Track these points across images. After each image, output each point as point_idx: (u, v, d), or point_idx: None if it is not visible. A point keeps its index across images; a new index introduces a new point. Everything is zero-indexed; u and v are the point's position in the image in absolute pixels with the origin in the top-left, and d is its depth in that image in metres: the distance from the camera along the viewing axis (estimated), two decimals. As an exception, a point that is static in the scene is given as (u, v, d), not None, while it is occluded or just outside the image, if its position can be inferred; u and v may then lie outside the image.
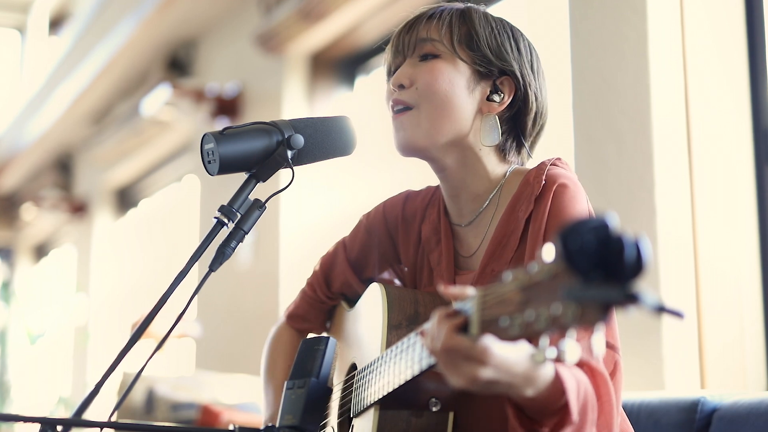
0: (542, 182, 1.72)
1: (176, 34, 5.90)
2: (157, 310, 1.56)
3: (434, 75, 1.76)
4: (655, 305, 1.04)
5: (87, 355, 7.47)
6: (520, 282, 1.17)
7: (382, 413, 1.62)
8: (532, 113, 1.82)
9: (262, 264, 4.91)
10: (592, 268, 1.05)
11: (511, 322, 1.17)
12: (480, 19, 1.81)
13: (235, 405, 3.62)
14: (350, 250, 2.04)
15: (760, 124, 2.78)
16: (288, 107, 4.84)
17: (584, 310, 1.08)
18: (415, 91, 1.77)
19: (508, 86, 1.80)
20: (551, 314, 1.11)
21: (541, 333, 1.14)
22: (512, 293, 1.18)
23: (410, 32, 1.81)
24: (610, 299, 1.05)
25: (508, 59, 1.79)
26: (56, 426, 1.40)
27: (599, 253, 1.05)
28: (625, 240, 1.05)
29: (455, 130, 1.77)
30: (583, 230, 1.06)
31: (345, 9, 4.39)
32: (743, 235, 2.74)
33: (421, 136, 1.77)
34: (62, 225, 8.41)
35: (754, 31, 2.81)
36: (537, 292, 1.14)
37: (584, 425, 1.47)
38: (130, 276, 7.41)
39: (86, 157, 7.78)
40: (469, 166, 1.80)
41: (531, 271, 1.16)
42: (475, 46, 1.78)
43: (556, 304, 1.11)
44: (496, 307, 1.21)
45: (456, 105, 1.76)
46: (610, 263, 1.05)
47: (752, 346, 2.71)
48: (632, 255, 1.04)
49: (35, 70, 9.00)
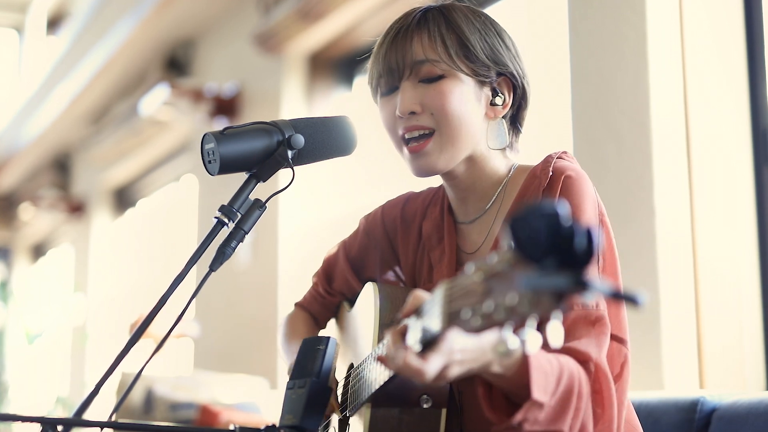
0: (549, 174, 1.71)
1: (175, 34, 5.89)
2: (157, 311, 1.56)
3: (446, 97, 1.72)
4: (608, 291, 1.03)
5: (85, 355, 7.46)
6: (483, 273, 1.16)
7: (373, 411, 1.62)
8: (528, 103, 1.83)
9: (260, 264, 4.91)
10: (543, 256, 1.04)
11: (473, 313, 1.16)
12: (464, 20, 1.76)
13: (234, 405, 3.62)
14: (350, 251, 2.07)
15: (759, 123, 2.78)
16: (287, 107, 4.83)
17: (539, 298, 1.07)
18: (430, 116, 1.74)
19: (506, 86, 1.79)
20: (508, 304, 1.10)
21: (503, 323, 1.13)
22: (475, 284, 1.16)
23: (402, 49, 1.75)
24: (562, 287, 1.04)
25: (503, 60, 1.77)
26: (57, 426, 1.40)
27: (550, 241, 1.04)
28: (575, 227, 1.04)
29: (473, 145, 1.77)
30: (531, 217, 1.05)
31: (344, 9, 4.39)
32: (742, 235, 2.75)
33: (445, 159, 1.75)
34: (60, 225, 8.40)
35: (753, 32, 2.82)
36: (497, 283, 1.13)
37: (565, 411, 1.46)
38: (128, 276, 7.40)
39: (84, 157, 7.77)
40: (477, 169, 1.80)
41: (491, 261, 1.15)
42: (473, 57, 1.75)
43: (512, 294, 1.10)
44: (460, 299, 1.20)
45: (471, 121, 1.75)
46: (561, 251, 1.04)
47: (751, 347, 2.71)
48: (582, 242, 1.03)
49: (33, 70, 9.00)
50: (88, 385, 7.09)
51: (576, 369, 1.50)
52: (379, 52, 1.78)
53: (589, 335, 1.57)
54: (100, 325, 7.44)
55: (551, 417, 1.45)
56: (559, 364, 1.48)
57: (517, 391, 1.46)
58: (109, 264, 7.63)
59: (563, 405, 1.46)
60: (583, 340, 1.56)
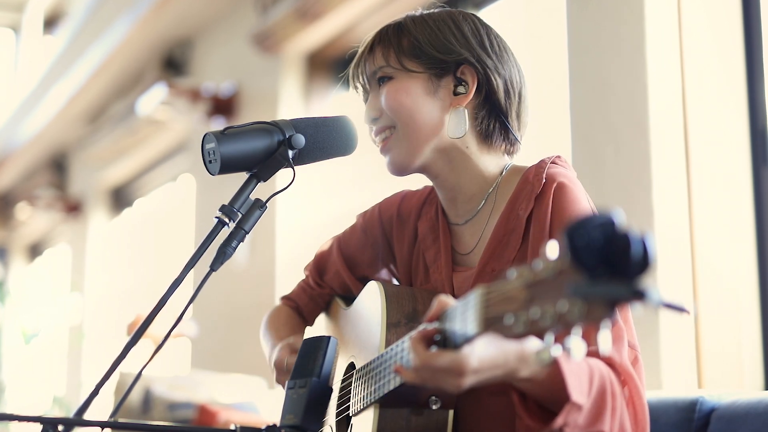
0: (542, 181, 1.72)
1: (172, 34, 5.89)
2: (158, 311, 1.56)
3: (391, 95, 1.79)
4: (660, 301, 1.04)
5: (82, 355, 7.46)
6: (524, 279, 1.17)
7: (382, 412, 1.62)
8: (501, 90, 1.80)
9: (258, 263, 4.91)
10: (598, 265, 1.05)
11: (516, 319, 1.17)
12: (417, 24, 1.82)
13: (232, 404, 3.62)
14: (344, 247, 2.07)
15: (758, 125, 2.78)
16: (284, 107, 4.83)
17: (591, 306, 1.08)
18: (387, 116, 1.81)
19: (469, 74, 1.80)
20: (557, 311, 1.11)
21: (547, 330, 1.14)
22: (517, 290, 1.18)
23: (361, 68, 1.86)
24: (617, 296, 1.05)
25: (457, 49, 1.79)
26: (57, 426, 1.40)
27: (605, 250, 1.05)
28: (631, 236, 1.05)
29: (433, 136, 1.79)
30: (589, 226, 1.06)
31: (341, 9, 4.39)
32: (740, 236, 2.75)
33: (406, 153, 1.80)
34: (57, 224, 8.39)
35: (752, 33, 2.82)
36: (542, 290, 1.14)
37: (602, 412, 1.46)
38: (125, 276, 7.39)
39: (81, 157, 7.76)
40: (459, 167, 1.81)
41: (536, 268, 1.16)
42: (420, 53, 1.79)
43: (562, 301, 1.10)
44: (500, 305, 1.21)
45: (423, 113, 1.78)
46: (616, 260, 1.05)
47: (749, 346, 2.71)
48: (639, 251, 1.04)
49: (30, 69, 8.99)
50: (84, 384, 7.09)
51: (605, 369, 1.52)
52: (351, 77, 1.90)
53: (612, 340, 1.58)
54: (97, 324, 7.43)
55: (591, 418, 1.46)
56: (588, 365, 1.48)
57: (549, 395, 1.46)
58: (106, 264, 7.63)
59: (600, 405, 1.47)
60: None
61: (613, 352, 1.57)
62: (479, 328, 1.25)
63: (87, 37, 6.76)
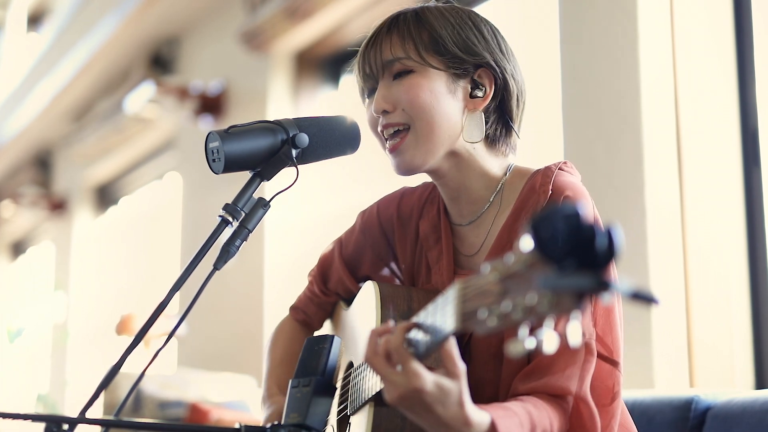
0: (549, 192, 1.71)
1: (159, 31, 5.87)
2: (161, 311, 1.57)
3: (414, 91, 1.73)
4: (628, 291, 1.05)
5: (66, 353, 7.42)
6: (498, 273, 1.17)
7: (377, 410, 1.62)
8: (515, 96, 1.80)
9: (246, 262, 4.90)
10: (564, 256, 1.06)
11: (490, 313, 1.17)
12: (437, 17, 1.77)
13: (223, 403, 3.62)
14: (345, 249, 2.05)
15: (749, 124, 2.80)
16: (273, 106, 4.82)
17: (559, 298, 1.08)
18: (402, 112, 1.75)
19: (486, 78, 1.77)
20: (527, 304, 1.11)
21: (519, 323, 1.14)
22: (491, 284, 1.18)
23: (374, 53, 1.77)
24: (584, 287, 1.05)
25: (479, 51, 1.76)
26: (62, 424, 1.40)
27: (571, 241, 1.05)
28: (596, 228, 1.05)
29: (449, 139, 1.75)
30: (554, 218, 1.06)
31: (330, 7, 4.39)
32: (732, 235, 2.77)
33: (421, 155, 1.75)
34: (41, 222, 8.35)
35: (743, 33, 2.84)
36: (514, 283, 1.15)
37: None
38: (109, 274, 7.37)
39: (66, 154, 7.73)
40: (465, 168, 1.79)
41: (508, 261, 1.16)
42: (443, 50, 1.74)
43: (531, 294, 1.11)
44: (476, 299, 1.21)
45: (445, 113, 1.74)
46: (582, 251, 1.05)
47: (741, 345, 2.73)
48: (603, 242, 1.05)
49: (14, 66, 8.93)
50: (68, 383, 7.05)
51: (548, 421, 1.53)
52: (359, 60, 1.82)
53: (573, 365, 1.59)
54: (81, 323, 7.40)
55: None
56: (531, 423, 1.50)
57: None
58: (91, 262, 7.59)
59: None
60: (566, 372, 1.59)
61: (573, 381, 1.58)
62: (457, 323, 1.25)
63: (73, 34, 6.73)
